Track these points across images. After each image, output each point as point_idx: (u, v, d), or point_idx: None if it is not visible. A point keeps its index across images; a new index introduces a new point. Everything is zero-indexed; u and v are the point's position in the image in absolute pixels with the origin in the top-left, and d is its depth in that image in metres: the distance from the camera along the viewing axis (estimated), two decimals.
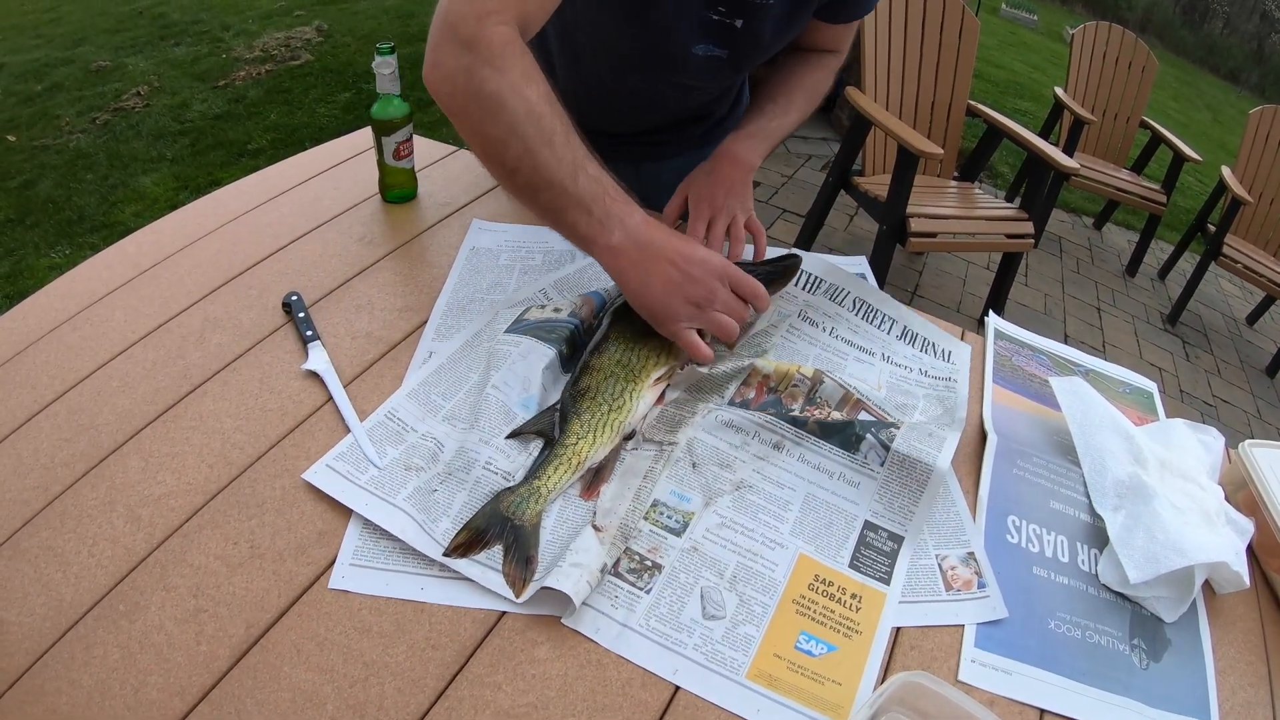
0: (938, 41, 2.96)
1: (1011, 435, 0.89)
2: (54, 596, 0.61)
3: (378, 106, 1.02)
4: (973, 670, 0.67)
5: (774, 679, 0.63)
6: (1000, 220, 2.79)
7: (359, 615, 0.62)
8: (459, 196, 1.13)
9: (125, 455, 0.71)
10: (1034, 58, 8.27)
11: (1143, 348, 3.51)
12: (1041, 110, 4.13)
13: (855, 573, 0.71)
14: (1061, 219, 4.42)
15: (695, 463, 0.78)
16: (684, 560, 0.70)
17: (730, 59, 0.99)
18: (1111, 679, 0.69)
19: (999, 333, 1.07)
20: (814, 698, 0.62)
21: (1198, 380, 3.45)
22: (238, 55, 4.30)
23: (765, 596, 0.68)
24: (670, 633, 0.65)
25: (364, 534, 0.67)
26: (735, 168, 1.02)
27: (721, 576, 0.69)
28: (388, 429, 0.76)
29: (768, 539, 0.73)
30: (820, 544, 0.73)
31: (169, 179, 3.13)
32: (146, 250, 0.96)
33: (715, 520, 0.74)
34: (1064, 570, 0.77)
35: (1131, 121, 4.06)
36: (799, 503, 0.76)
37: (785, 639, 0.65)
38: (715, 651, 0.64)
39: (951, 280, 3.46)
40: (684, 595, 0.67)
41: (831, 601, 0.69)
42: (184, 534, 0.65)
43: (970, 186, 3.07)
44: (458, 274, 0.97)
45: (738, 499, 0.76)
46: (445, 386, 0.81)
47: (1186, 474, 0.86)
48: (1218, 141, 7.33)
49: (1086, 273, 3.96)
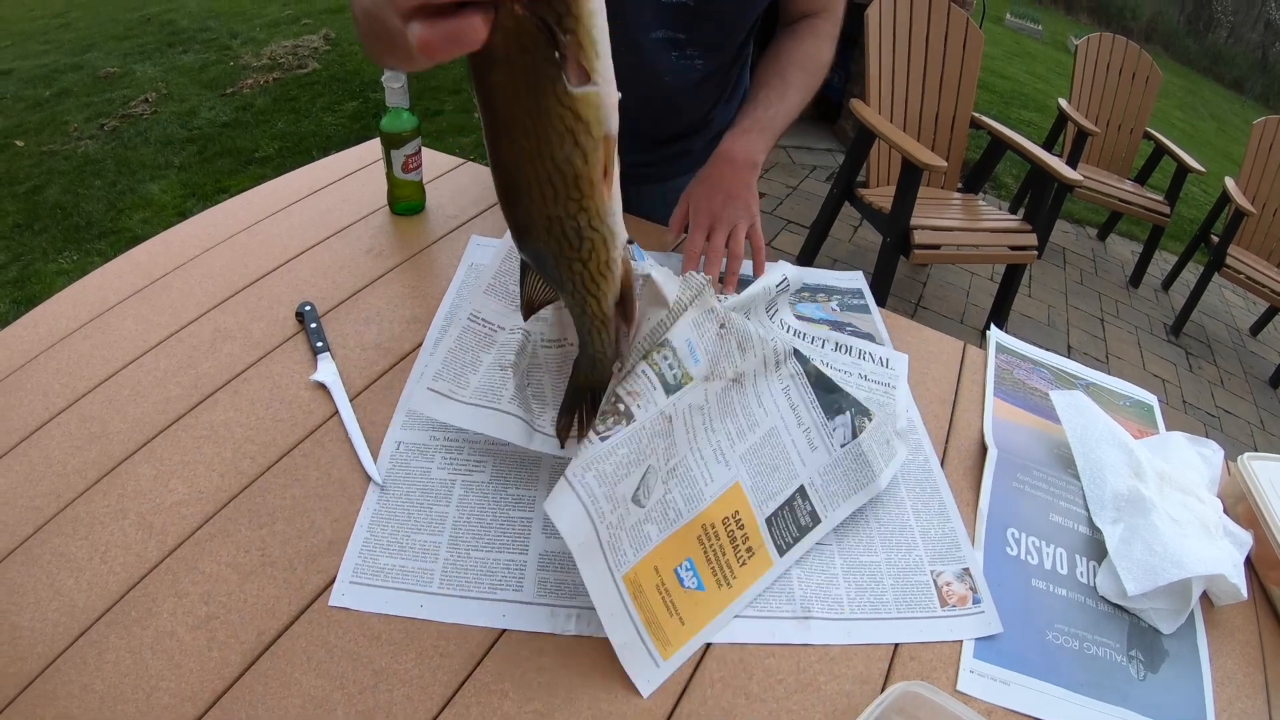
0: (941, 54, 2.97)
1: (1012, 449, 0.90)
2: (66, 602, 0.62)
3: (387, 120, 1.03)
4: (971, 681, 0.68)
5: (640, 590, 0.63)
6: (1004, 232, 2.80)
7: (368, 623, 0.63)
8: (466, 209, 1.14)
9: (137, 463, 0.72)
10: (1038, 67, 8.29)
11: (1146, 359, 3.51)
12: (1046, 120, 4.14)
13: (766, 529, 0.71)
14: (1065, 230, 4.42)
15: (723, 324, 0.73)
16: (653, 424, 0.65)
17: (690, 41, 0.97)
18: (1109, 689, 0.70)
19: (1000, 346, 1.07)
20: (656, 625, 0.63)
21: (1201, 391, 3.44)
22: (245, 63, 4.33)
23: (685, 506, 0.69)
24: (599, 496, 0.61)
25: (364, 551, 0.68)
26: (734, 169, 0.98)
27: (666, 463, 0.67)
28: (477, 333, 0.78)
29: (720, 450, 0.72)
30: (758, 483, 0.73)
31: (176, 186, 3.15)
32: (157, 259, 0.98)
33: (699, 399, 0.70)
34: (1063, 582, 0.78)
35: (1135, 132, 4.07)
36: (762, 432, 0.76)
37: (672, 557, 0.66)
38: (617, 540, 0.63)
39: (955, 291, 3.47)
40: (631, 466, 0.63)
41: (729, 543, 0.69)
42: (195, 541, 0.66)
43: (974, 198, 3.07)
44: (455, 291, 0.98)
45: (724, 393, 0.73)
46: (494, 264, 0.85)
47: (1185, 487, 0.86)
48: (1223, 151, 7.33)
49: (1090, 284, 3.96)
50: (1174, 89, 10.24)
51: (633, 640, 0.61)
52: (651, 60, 1.00)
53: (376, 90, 3.88)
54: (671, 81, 1.06)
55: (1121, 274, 4.17)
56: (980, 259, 2.80)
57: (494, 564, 0.68)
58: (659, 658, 0.61)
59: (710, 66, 1.07)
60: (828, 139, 4.28)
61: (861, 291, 1.11)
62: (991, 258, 2.82)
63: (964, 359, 1.04)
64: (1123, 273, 4.18)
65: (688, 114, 1.17)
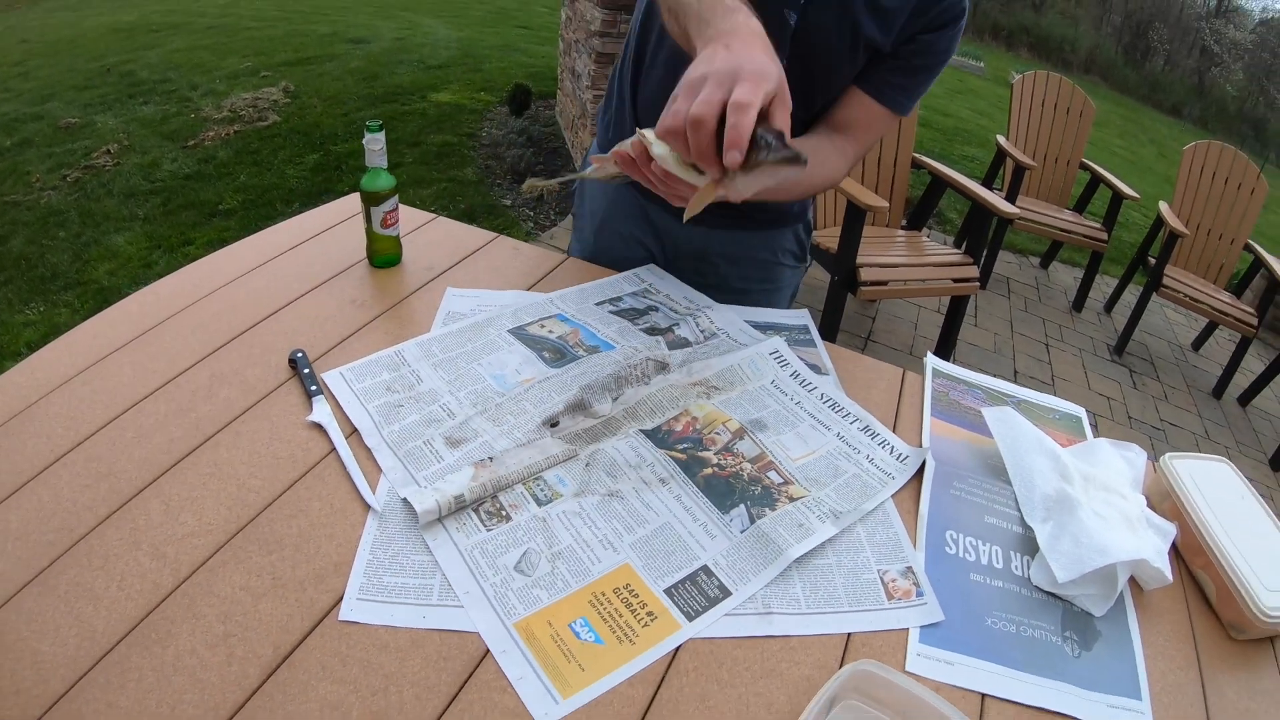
0: None
1: (948, 460, 0.99)
2: (86, 628, 0.67)
3: (366, 179, 1.11)
4: (918, 663, 0.76)
5: (533, 637, 0.71)
6: (946, 265, 2.95)
7: (376, 634, 0.69)
8: (440, 262, 1.22)
9: (146, 499, 0.78)
10: (981, 104, 8.63)
11: (1091, 379, 3.67)
12: (988, 155, 4.34)
13: (666, 598, 0.77)
14: (1009, 260, 4.61)
15: (589, 463, 0.89)
16: (530, 523, 0.81)
17: (796, 31, 1.01)
18: (1046, 666, 0.78)
19: (936, 371, 1.18)
20: (554, 666, 0.68)
21: (1146, 406, 3.60)
22: (206, 115, 4.38)
23: (573, 578, 0.77)
24: (482, 564, 0.76)
25: (369, 571, 0.74)
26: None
27: (549, 548, 0.79)
28: (391, 360, 0.99)
29: (607, 540, 0.81)
30: (650, 564, 0.80)
31: (141, 238, 3.18)
32: (148, 310, 1.03)
33: (575, 508, 0.84)
34: (999, 575, 0.87)
35: (1072, 164, 4.29)
36: (654, 526, 0.84)
37: (565, 616, 0.73)
38: (504, 595, 0.74)
39: (903, 325, 3.61)
40: (510, 546, 0.78)
41: (625, 608, 0.75)
42: (209, 568, 0.72)
43: (918, 235, 3.23)
44: (437, 328, 1.08)
45: (604, 502, 0.85)
46: (446, 345, 1.04)
47: (1109, 486, 0.96)
48: (1163, 175, 7.65)
49: (1034, 310, 4.14)
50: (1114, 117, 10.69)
51: (528, 675, 0.68)
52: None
53: (337, 143, 3.96)
54: None
55: (1065, 300, 4.36)
56: (925, 292, 2.95)
57: None
58: (558, 696, 0.66)
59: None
60: None
61: (807, 327, 1.22)
62: (935, 290, 2.96)
63: (903, 384, 1.14)
64: (1066, 298, 4.37)
65: None
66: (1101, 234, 4.03)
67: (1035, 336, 3.87)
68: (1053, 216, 4.04)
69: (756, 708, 0.69)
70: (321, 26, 6.30)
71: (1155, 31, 15.98)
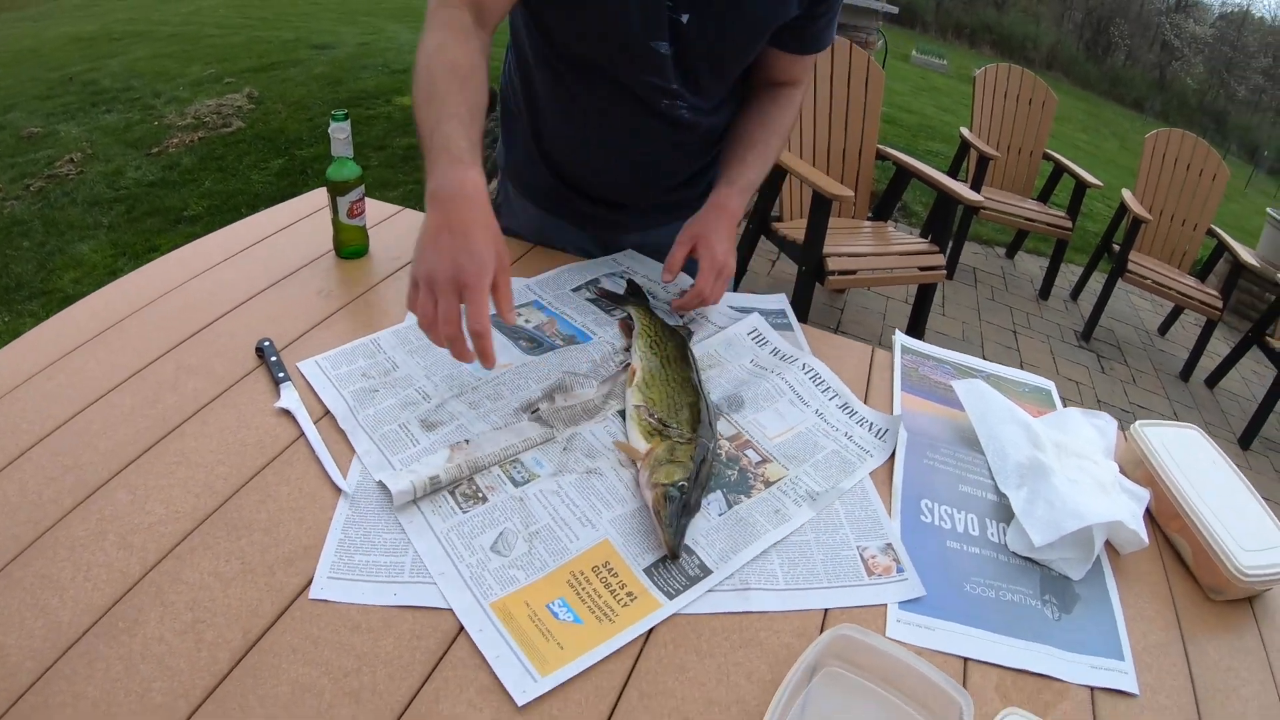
0: (846, 91, 3.16)
1: (921, 432, 1.00)
2: (52, 620, 0.65)
3: (332, 169, 1.09)
4: (898, 629, 0.76)
5: (510, 617, 0.70)
6: (912, 254, 2.98)
7: (348, 614, 0.68)
8: (408, 252, 1.19)
9: (113, 489, 0.76)
10: (944, 100, 8.73)
11: (1059, 364, 3.72)
12: (953, 150, 4.39)
13: (647, 577, 0.76)
14: (975, 251, 4.67)
15: (566, 446, 0.89)
16: (507, 503, 0.80)
17: (676, 57, 1.03)
18: (1027, 629, 0.79)
19: (905, 347, 1.19)
20: (531, 646, 0.67)
21: (1114, 390, 3.66)
22: (170, 122, 4.32)
23: (550, 557, 0.76)
24: (458, 546, 0.75)
25: (340, 550, 0.73)
26: (730, 221, 1.12)
27: (526, 527, 0.78)
28: (367, 349, 0.98)
29: (585, 516, 0.81)
30: (630, 541, 0.79)
31: (107, 246, 3.13)
32: (114, 305, 1.02)
33: (552, 487, 0.83)
34: (975, 542, 0.87)
35: (1035, 154, 4.35)
36: (634, 505, 0.83)
37: (543, 596, 0.72)
38: (481, 576, 0.73)
39: (872, 315, 3.64)
40: (487, 527, 0.78)
41: (604, 588, 0.74)
42: (176, 556, 0.71)
43: (883, 225, 3.26)
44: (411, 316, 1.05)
45: (583, 480, 0.85)
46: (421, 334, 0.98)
47: (1081, 453, 0.97)
48: (1126, 168, 7.78)
49: (1001, 299, 4.19)
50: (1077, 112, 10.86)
51: (505, 654, 0.67)
52: (654, 69, 1.05)
53: (302, 148, 3.92)
54: (672, 100, 1.11)
55: (1031, 288, 4.42)
56: (892, 281, 2.97)
57: None
58: (536, 674, 0.66)
59: (699, 118, 1.15)
60: None
61: (784, 311, 1.22)
62: (902, 279, 2.99)
63: (873, 360, 1.15)
64: (1032, 287, 4.44)
65: (689, 166, 1.26)
66: (1066, 222, 4.09)
67: (1003, 324, 3.92)
68: (1017, 206, 4.10)
69: (737, 677, 0.69)
70: (285, 33, 6.23)
71: (1116, 27, 16.26)
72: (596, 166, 1.22)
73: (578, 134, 1.18)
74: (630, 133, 1.15)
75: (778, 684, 0.66)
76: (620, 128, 1.14)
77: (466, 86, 0.90)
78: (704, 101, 1.13)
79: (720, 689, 0.68)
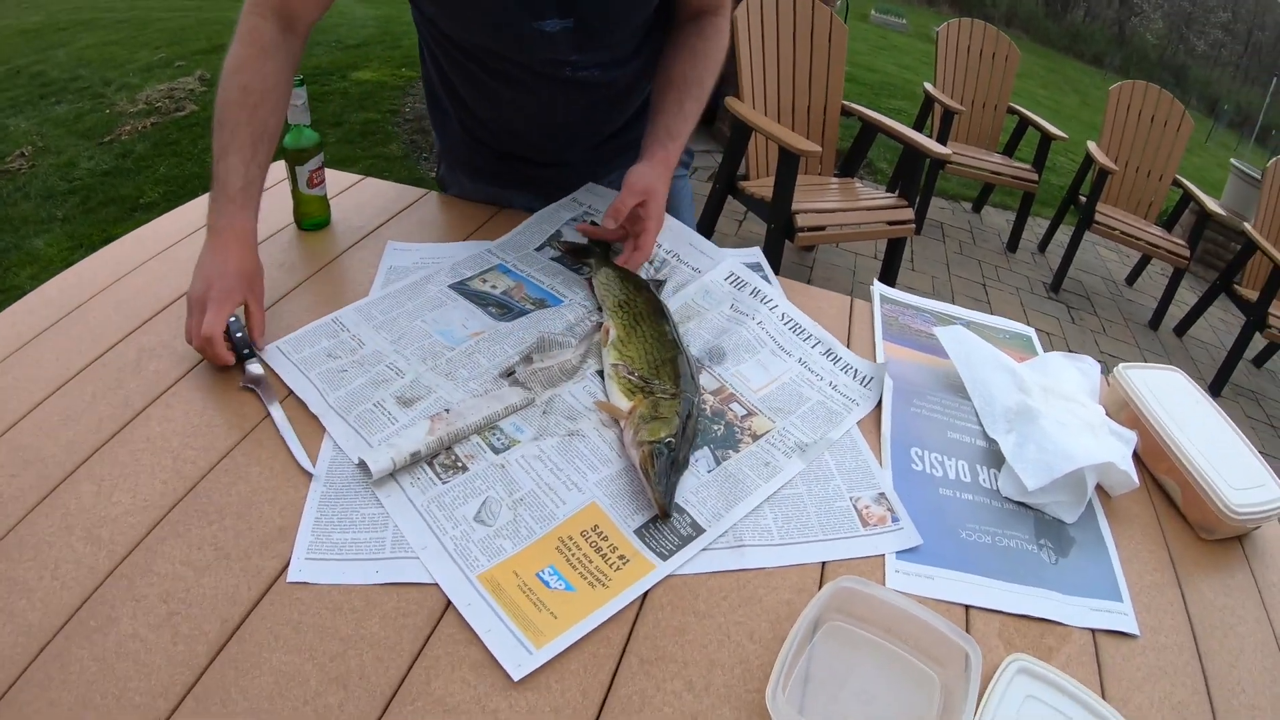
0: (809, 47, 3.12)
1: (905, 380, 0.99)
2: (21, 624, 0.61)
3: (290, 137, 1.05)
4: (897, 579, 0.75)
5: (499, 587, 0.67)
6: (881, 209, 2.96)
7: (329, 596, 0.65)
8: (371, 220, 1.17)
9: (77, 482, 0.72)
10: (905, 59, 8.72)
11: (1030, 316, 3.75)
12: (915, 107, 4.38)
13: (638, 539, 0.74)
14: (942, 205, 4.68)
15: (546, 410, 0.86)
16: (488, 471, 0.78)
17: (579, 28, 1.00)
18: (1025, 574, 0.78)
19: (884, 297, 1.17)
20: (523, 616, 0.65)
21: (1085, 340, 3.70)
22: (121, 110, 4.18)
23: (537, 524, 0.73)
24: (440, 518, 0.73)
25: (316, 529, 0.70)
26: (670, 175, 1.09)
27: (510, 495, 0.76)
28: (329, 328, 0.94)
29: (570, 480, 0.78)
30: (618, 503, 0.77)
31: (63, 239, 3.03)
32: (69, 292, 0.97)
33: (534, 451, 0.81)
34: (967, 489, 0.86)
35: (999, 109, 4.35)
36: (619, 466, 0.81)
37: (531, 564, 0.70)
38: (465, 548, 0.70)
39: (841, 272, 3.64)
40: (469, 496, 0.75)
41: (595, 552, 0.72)
42: (147, 546, 0.67)
43: (850, 181, 3.24)
44: (379, 287, 1.03)
45: (565, 443, 0.82)
46: (386, 307, 0.99)
47: (1068, 396, 0.96)
48: (1088, 123, 7.82)
49: (969, 253, 4.20)
50: (1037, 69, 10.88)
51: (496, 627, 0.64)
52: (548, 48, 1.03)
53: None
54: (575, 70, 1.09)
55: (999, 241, 4.44)
56: (861, 236, 2.96)
57: None
58: (530, 646, 0.63)
59: (612, 75, 1.12)
60: (705, 140, 4.41)
61: (760, 265, 1.19)
62: (872, 234, 2.98)
63: (852, 310, 1.13)
64: (1000, 240, 4.45)
65: (611, 118, 1.22)
66: (1032, 175, 4.10)
67: (972, 278, 3.93)
68: (983, 160, 4.10)
69: (739, 636, 0.68)
70: (234, 13, 5.96)
71: None
72: (528, 139, 1.20)
73: (498, 113, 1.16)
74: (546, 103, 1.12)
75: (779, 641, 0.65)
76: (535, 101, 1.12)
77: (256, 114, 0.92)
78: (612, 57, 1.10)
79: (722, 650, 0.66)
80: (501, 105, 1.14)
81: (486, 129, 1.20)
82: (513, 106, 1.14)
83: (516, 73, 1.07)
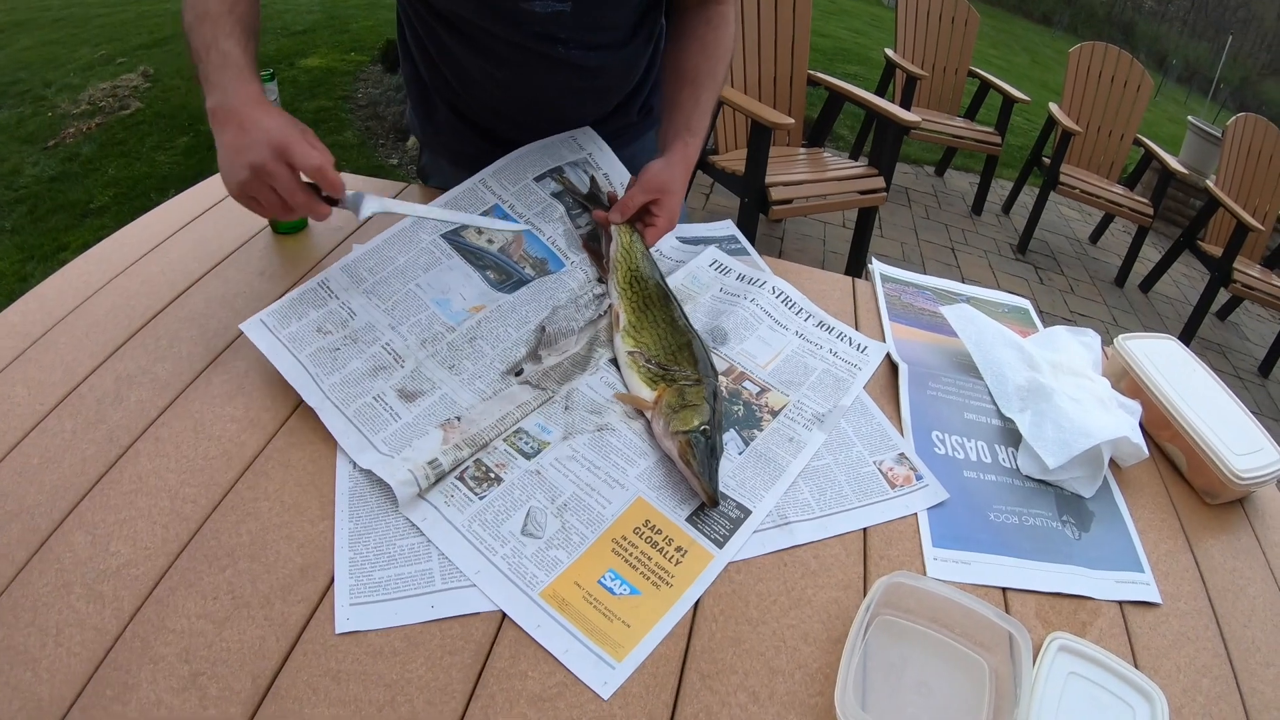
0: (774, 17, 3.07)
1: (918, 362, 0.98)
2: (29, 698, 0.56)
3: None
4: (937, 567, 0.74)
5: (565, 603, 0.65)
6: (853, 179, 2.95)
7: (367, 640, 0.61)
8: (350, 219, 1.10)
9: (68, 532, 0.67)
10: (855, 23, 8.69)
11: (999, 278, 3.78)
12: (870, 73, 4.37)
13: (691, 528, 0.72)
14: (905, 171, 4.69)
15: (567, 405, 0.83)
16: (524, 480, 0.74)
17: (575, 11, 0.98)
18: (1054, 552, 0.79)
19: (885, 276, 1.16)
20: (596, 630, 0.63)
21: (1055, 300, 3.74)
22: (64, 112, 4.01)
23: (587, 529, 0.71)
24: (486, 538, 0.69)
25: (354, 570, 0.65)
26: (686, 173, 1.04)
27: (553, 502, 0.73)
28: (316, 294, 0.88)
29: (610, 477, 0.76)
30: (663, 495, 0.75)
31: (12, 250, 2.90)
32: (32, 319, 0.90)
33: (567, 452, 0.78)
34: (990, 470, 0.86)
35: (960, 72, 4.35)
36: (656, 456, 0.79)
37: (591, 572, 0.68)
38: (520, 565, 0.67)
39: (812, 243, 3.63)
40: (511, 509, 0.71)
41: (652, 549, 0.70)
42: (156, 600, 0.62)
43: (819, 151, 3.22)
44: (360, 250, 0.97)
45: (596, 439, 0.80)
46: (374, 263, 0.93)
47: (1076, 370, 0.96)
48: (1039, 82, 7.90)
49: (936, 217, 4.23)
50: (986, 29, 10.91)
51: (573, 647, 0.62)
52: (540, 30, 1.01)
53: (206, 123, 3.64)
54: (568, 54, 1.06)
55: (964, 204, 4.47)
56: (834, 207, 2.95)
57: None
58: (611, 661, 0.61)
59: (606, 58, 1.09)
60: None
61: (735, 236, 1.18)
62: (845, 204, 2.97)
63: (855, 291, 1.12)
64: (964, 203, 4.48)
65: (605, 97, 1.18)
66: (995, 138, 4.12)
67: (940, 242, 3.96)
68: (946, 124, 4.11)
69: (794, 640, 0.66)
70: (175, 4, 5.73)
71: None
72: (520, 122, 1.15)
73: (489, 97, 1.12)
74: (541, 86, 1.09)
75: (833, 642, 0.64)
76: (529, 84, 1.08)
77: (236, 8, 0.87)
78: (607, 38, 1.07)
79: (780, 656, 0.65)
80: (495, 87, 1.10)
81: (479, 112, 1.16)
82: (508, 88, 1.10)
83: (512, 51, 1.03)
